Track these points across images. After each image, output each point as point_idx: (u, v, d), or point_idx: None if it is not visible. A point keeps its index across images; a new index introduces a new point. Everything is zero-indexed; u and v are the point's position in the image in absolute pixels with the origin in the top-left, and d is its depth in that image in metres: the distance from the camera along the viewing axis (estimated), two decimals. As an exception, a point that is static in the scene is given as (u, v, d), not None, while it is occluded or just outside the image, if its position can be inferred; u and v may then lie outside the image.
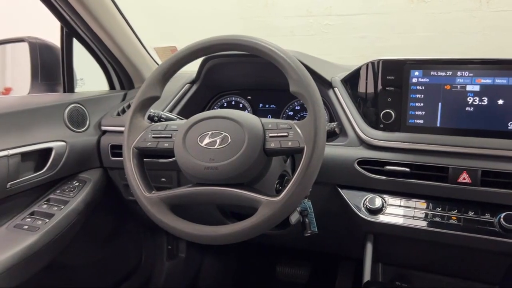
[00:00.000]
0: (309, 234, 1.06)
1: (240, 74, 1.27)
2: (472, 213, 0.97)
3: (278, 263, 1.68)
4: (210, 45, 0.91)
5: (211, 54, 1.18)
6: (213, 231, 0.85)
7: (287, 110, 1.28)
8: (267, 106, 1.31)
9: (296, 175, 0.82)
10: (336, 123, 1.03)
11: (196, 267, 1.71)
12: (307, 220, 1.05)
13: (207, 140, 0.88)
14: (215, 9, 3.36)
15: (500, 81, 0.94)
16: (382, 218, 1.03)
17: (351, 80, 1.10)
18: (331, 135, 1.04)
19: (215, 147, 0.86)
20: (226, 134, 0.87)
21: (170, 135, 0.92)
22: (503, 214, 0.93)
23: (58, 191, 1.18)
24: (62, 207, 1.13)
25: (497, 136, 0.95)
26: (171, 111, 1.25)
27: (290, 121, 0.87)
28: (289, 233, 1.20)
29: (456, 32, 3.23)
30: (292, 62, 0.85)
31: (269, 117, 1.29)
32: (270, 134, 0.87)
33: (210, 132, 0.88)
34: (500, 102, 0.94)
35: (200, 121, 0.90)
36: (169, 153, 0.90)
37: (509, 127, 0.94)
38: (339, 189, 1.08)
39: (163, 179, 1.21)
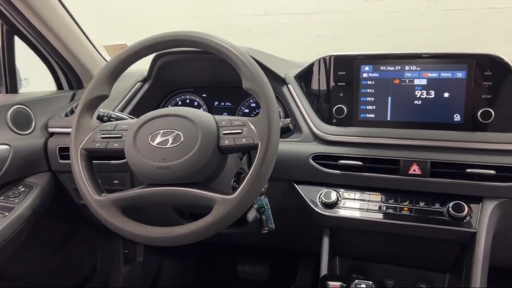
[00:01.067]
0: (266, 231, 1.06)
1: (194, 71, 1.25)
2: (423, 204, 1.00)
3: (238, 262, 1.67)
4: (160, 41, 0.89)
5: (163, 51, 1.15)
6: (167, 232, 0.83)
7: (242, 108, 1.27)
8: (222, 104, 1.30)
9: (250, 171, 0.82)
10: (290, 119, 1.04)
11: (155, 270, 1.67)
12: (264, 217, 1.05)
13: (158, 139, 0.85)
14: (171, 8, 3.31)
15: (445, 74, 0.97)
16: (337, 212, 1.04)
17: (304, 76, 1.10)
18: (286, 131, 1.04)
19: (167, 146, 0.84)
20: (179, 132, 0.85)
21: (120, 135, 0.89)
22: (451, 203, 0.96)
23: (1, 198, 1.12)
24: (6, 214, 1.08)
25: (444, 128, 0.98)
26: (122, 110, 1.21)
27: (244, 118, 0.86)
28: (248, 231, 1.20)
29: (407, 30, 3.33)
30: (244, 58, 0.85)
31: (225, 115, 1.28)
32: (224, 131, 0.86)
33: (161, 131, 0.86)
34: (446, 95, 0.97)
35: (151, 119, 0.88)
36: (120, 153, 0.88)
37: (454, 119, 0.97)
38: (295, 185, 1.09)
39: (116, 182, 1.17)
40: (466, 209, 0.95)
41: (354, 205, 1.04)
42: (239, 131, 0.85)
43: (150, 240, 0.83)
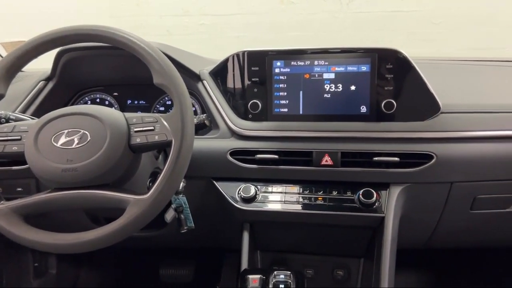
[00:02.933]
0: (185, 230, 1.04)
1: (103, 68, 1.19)
2: (336, 193, 1.04)
3: (161, 266, 1.62)
4: (61, 36, 0.84)
5: (66, 47, 1.08)
6: (77, 238, 0.79)
7: (157, 106, 1.24)
8: (136, 102, 1.25)
9: (165, 169, 0.80)
10: (205, 115, 1.03)
11: (71, 282, 1.57)
12: (182, 216, 1.04)
13: (63, 140, 0.80)
14: (83, 7, 3.14)
15: (351, 68, 1.02)
16: (256, 206, 1.05)
17: (219, 73, 1.10)
18: (201, 127, 1.03)
19: (73, 146, 0.80)
20: (85, 131, 0.81)
21: (19, 137, 0.82)
22: (362, 190, 1.01)
23: None
24: None
25: (353, 119, 1.03)
26: (24, 112, 1.12)
27: (156, 114, 0.84)
28: (168, 233, 1.17)
29: (322, 31, 3.46)
30: (154, 52, 0.83)
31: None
32: (135, 129, 0.83)
33: (66, 131, 0.81)
34: (353, 88, 1.02)
35: (53, 119, 0.82)
36: (20, 157, 0.81)
37: (361, 111, 1.02)
38: (214, 182, 1.08)
39: (19, 189, 1.08)
40: (375, 195, 1.00)
41: (272, 198, 1.06)
42: (151, 128, 0.82)
43: (59, 248, 0.79)
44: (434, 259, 1.66)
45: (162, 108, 1.24)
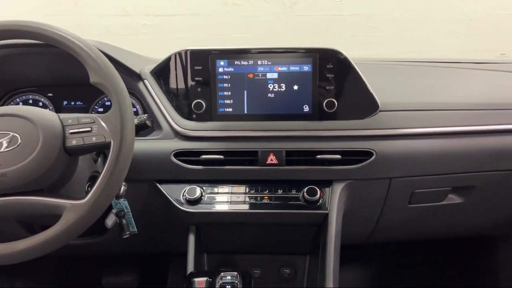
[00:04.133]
0: (128, 235, 1.01)
1: (36, 67, 1.12)
2: (281, 191, 1.05)
3: (104, 274, 1.56)
4: None
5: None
6: (8, 248, 0.74)
7: (96, 107, 1.18)
8: (72, 103, 1.19)
9: (103, 172, 0.76)
10: (146, 115, 1.00)
11: (4, 295, 1.46)
12: (124, 221, 1.00)
13: (-11, 144, 0.75)
14: (18, 5, 2.96)
15: (294, 68, 1.03)
16: (202, 208, 1.04)
17: (161, 72, 1.07)
18: (143, 128, 1.00)
19: (1, 150, 0.75)
20: (15, 134, 0.76)
21: None
22: (306, 188, 1.03)
23: None
24: None
25: (296, 118, 1.04)
26: None
27: (94, 115, 0.81)
28: (109, 239, 1.12)
29: (267, 34, 3.50)
30: (90, 50, 0.79)
31: (76, 115, 1.18)
32: (71, 131, 0.79)
33: None
34: (295, 87, 1.03)
35: None
36: None
37: (304, 110, 1.04)
38: (157, 185, 1.05)
39: None
40: (319, 192, 1.02)
41: (218, 199, 1.05)
42: (88, 129, 0.79)
43: None
44: (377, 253, 1.72)
45: (101, 109, 1.18)
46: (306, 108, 1.04)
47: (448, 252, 1.77)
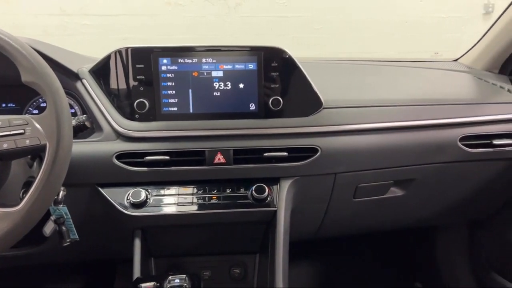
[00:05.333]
0: (68, 243, 0.95)
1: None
2: (229, 190, 1.04)
3: (44, 285, 1.47)
4: None
5: None
6: None
7: (30, 108, 1.11)
8: (4, 105, 1.11)
9: (39, 177, 0.72)
10: (85, 115, 0.96)
11: None
12: (64, 228, 0.95)
13: None
14: None
15: (239, 66, 1.02)
16: (147, 211, 1.00)
17: (101, 71, 1.02)
18: (81, 130, 0.95)
19: None
20: None
21: None
22: (254, 186, 1.03)
23: None
24: None
25: (243, 117, 1.04)
26: None
27: (27, 116, 0.75)
28: (49, 248, 1.06)
29: (212, 34, 3.48)
30: (20, 47, 0.74)
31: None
32: (1, 133, 0.74)
33: None
34: (241, 85, 1.03)
35: None
36: None
37: (250, 108, 1.04)
38: (99, 189, 1.01)
39: None
40: (267, 190, 1.02)
41: (164, 201, 1.02)
42: (21, 131, 0.74)
43: None
44: (325, 248, 1.76)
45: (36, 111, 1.11)
46: (252, 106, 1.04)
47: (393, 244, 1.85)
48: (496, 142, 1.16)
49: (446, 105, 1.16)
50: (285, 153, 1.02)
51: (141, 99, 1.00)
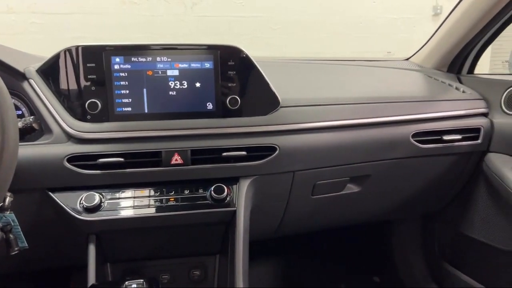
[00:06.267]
0: (17, 252, 0.90)
1: None
2: (188, 191, 1.02)
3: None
4: None
5: None
6: None
7: None
8: None
9: None
10: (32, 117, 0.91)
11: None
12: (12, 236, 0.89)
13: None
14: None
15: (195, 65, 1.01)
16: (102, 215, 0.97)
17: (50, 70, 0.98)
18: (29, 132, 0.91)
19: None
20: None
21: None
22: (213, 186, 1.01)
23: None
24: None
25: (200, 116, 1.02)
26: None
27: None
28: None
29: (168, 34, 3.43)
30: None
31: None
32: None
33: None
34: (198, 85, 1.01)
35: None
36: None
37: (207, 107, 1.02)
38: (50, 193, 0.96)
39: None
40: (226, 190, 1.01)
41: (119, 205, 0.99)
42: None
43: None
44: (285, 246, 1.77)
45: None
46: (210, 106, 1.02)
47: (351, 240, 1.89)
48: (446, 137, 1.21)
49: (399, 102, 1.20)
50: (244, 153, 1.02)
51: (93, 99, 0.96)
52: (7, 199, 0.84)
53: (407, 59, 1.66)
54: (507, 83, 1.26)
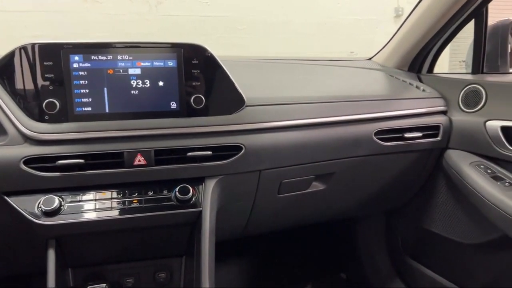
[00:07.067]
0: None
1: None
2: (152, 193, 1.00)
3: None
4: None
5: None
6: None
7: None
8: None
9: None
10: None
11: None
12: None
13: None
14: None
15: (157, 63, 0.99)
16: (62, 219, 0.93)
17: (4, 69, 0.93)
18: (-19, 133, 0.86)
19: None
20: None
21: None
22: (178, 187, 1.00)
23: None
24: None
25: (164, 116, 1.00)
26: None
27: None
28: None
29: (132, 33, 3.37)
30: None
31: None
32: None
33: None
34: (161, 83, 0.99)
35: None
36: None
37: (171, 107, 1.01)
38: (5, 197, 0.92)
39: None
40: (191, 190, 1.00)
41: (80, 208, 0.95)
42: None
43: None
44: (252, 246, 1.77)
45: None
46: (174, 105, 1.01)
47: (318, 238, 1.91)
48: (407, 135, 1.25)
49: (362, 101, 1.22)
50: (209, 152, 1.01)
51: (51, 99, 0.93)
52: (-42, 205, 0.80)
53: (370, 58, 1.69)
54: (464, 81, 1.31)
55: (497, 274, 1.31)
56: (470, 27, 1.38)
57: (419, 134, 1.26)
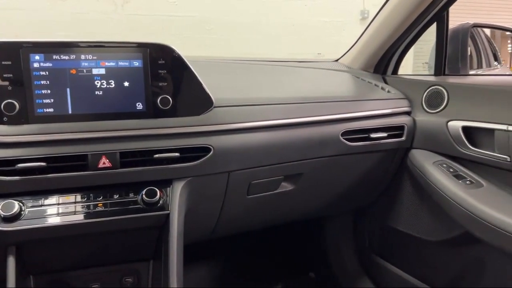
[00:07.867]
0: None
1: None
2: (117, 196, 0.97)
3: None
4: None
5: None
6: None
7: None
8: None
9: None
10: None
11: None
12: None
13: None
14: None
15: (123, 63, 0.97)
16: (22, 225, 0.89)
17: None
18: None
19: None
20: None
21: None
22: (145, 190, 0.98)
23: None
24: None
25: (129, 117, 0.98)
26: None
27: None
28: None
29: (97, 33, 3.28)
30: None
31: None
32: None
33: None
34: (126, 84, 0.97)
35: None
36: None
37: (137, 108, 0.98)
38: None
39: None
40: (158, 193, 0.98)
41: (42, 213, 0.92)
42: None
43: None
44: (221, 247, 1.76)
45: None
46: (140, 106, 0.99)
47: (287, 238, 1.92)
48: (373, 135, 1.27)
49: (328, 102, 1.23)
50: (177, 154, 0.99)
51: (10, 100, 0.89)
52: None
53: (336, 60, 1.72)
54: (427, 83, 1.35)
55: (461, 269, 1.35)
56: (432, 30, 1.43)
57: (384, 134, 1.29)
